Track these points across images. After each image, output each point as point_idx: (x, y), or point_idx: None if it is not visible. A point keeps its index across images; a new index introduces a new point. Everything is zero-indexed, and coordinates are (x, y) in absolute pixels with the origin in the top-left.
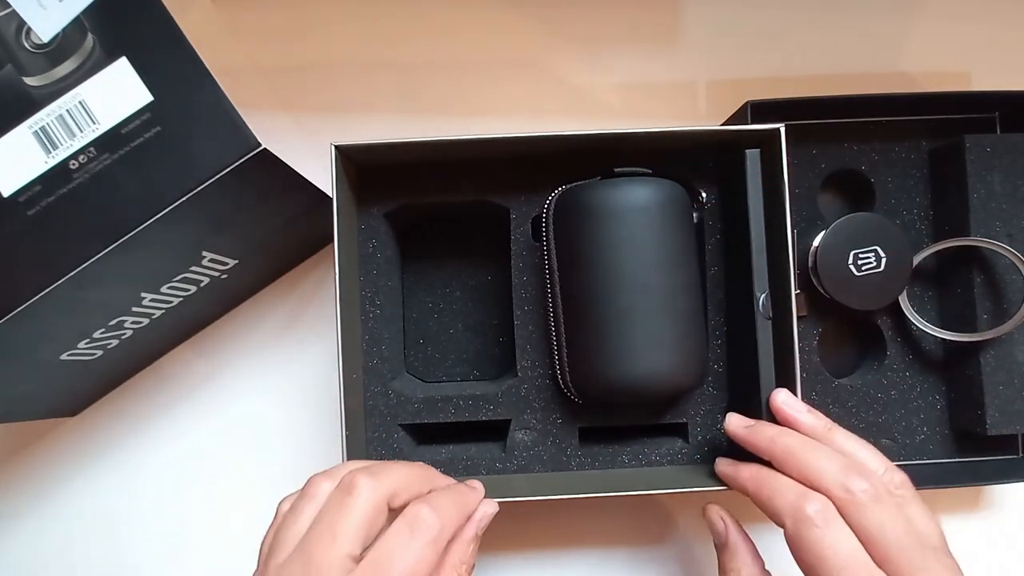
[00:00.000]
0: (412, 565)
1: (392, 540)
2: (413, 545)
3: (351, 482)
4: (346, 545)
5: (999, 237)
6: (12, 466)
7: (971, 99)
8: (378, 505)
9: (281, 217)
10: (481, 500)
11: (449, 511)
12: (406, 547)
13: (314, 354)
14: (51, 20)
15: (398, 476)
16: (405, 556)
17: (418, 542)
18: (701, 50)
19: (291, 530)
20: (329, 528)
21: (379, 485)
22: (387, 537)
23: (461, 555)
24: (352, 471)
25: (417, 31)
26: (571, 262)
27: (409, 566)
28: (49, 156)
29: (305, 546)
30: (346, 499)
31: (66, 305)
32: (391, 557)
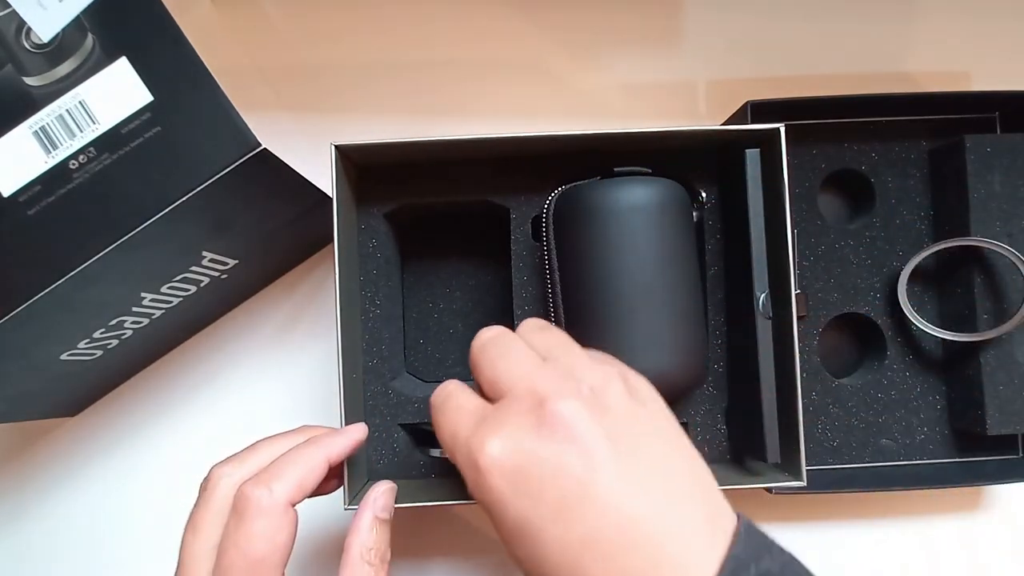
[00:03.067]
0: (257, 548)
1: (228, 530)
2: (244, 528)
3: (208, 476)
4: (209, 537)
5: (999, 237)
6: (12, 466)
7: (971, 99)
8: (226, 494)
9: (281, 217)
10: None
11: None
12: (239, 532)
13: (314, 354)
14: (51, 20)
15: (257, 460)
16: (245, 542)
17: (250, 522)
18: (701, 50)
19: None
20: (191, 523)
21: (235, 472)
22: (226, 527)
23: (364, 543)
24: (214, 465)
25: (417, 31)
26: (571, 262)
27: (255, 549)
28: (49, 156)
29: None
30: (203, 493)
31: (66, 305)
32: (231, 546)
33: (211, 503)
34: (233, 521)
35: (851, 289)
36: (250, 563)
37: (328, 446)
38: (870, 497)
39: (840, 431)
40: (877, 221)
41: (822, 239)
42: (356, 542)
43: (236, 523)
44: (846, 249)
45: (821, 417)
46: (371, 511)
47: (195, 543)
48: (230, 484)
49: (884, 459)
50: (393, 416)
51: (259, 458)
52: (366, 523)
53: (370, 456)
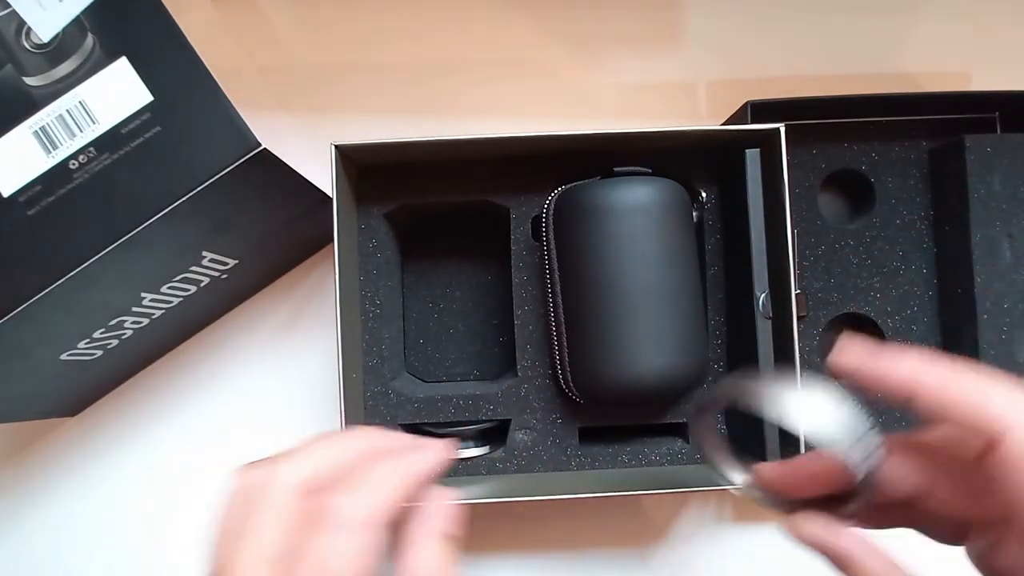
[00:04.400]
0: (321, 565)
1: (302, 542)
2: (326, 543)
3: (254, 473)
4: (265, 545)
5: (999, 237)
6: (12, 466)
7: (971, 99)
8: (290, 497)
9: (281, 217)
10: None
11: (377, 489)
12: (318, 544)
13: (314, 354)
14: (51, 20)
15: (321, 457)
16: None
17: (336, 537)
18: (701, 50)
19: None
20: (237, 528)
21: (293, 472)
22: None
23: (427, 561)
24: (267, 459)
25: (417, 31)
26: (571, 262)
27: (318, 566)
28: (49, 156)
29: (217, 550)
30: (249, 493)
31: (66, 305)
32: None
33: (270, 512)
34: (313, 535)
35: (851, 289)
36: None
37: (419, 468)
38: None
39: None
40: (877, 221)
41: (822, 239)
42: (422, 559)
43: (317, 538)
44: (846, 249)
45: None
46: (434, 528)
47: (246, 551)
48: (290, 487)
49: None
50: (393, 416)
51: (318, 461)
52: (431, 539)
53: None
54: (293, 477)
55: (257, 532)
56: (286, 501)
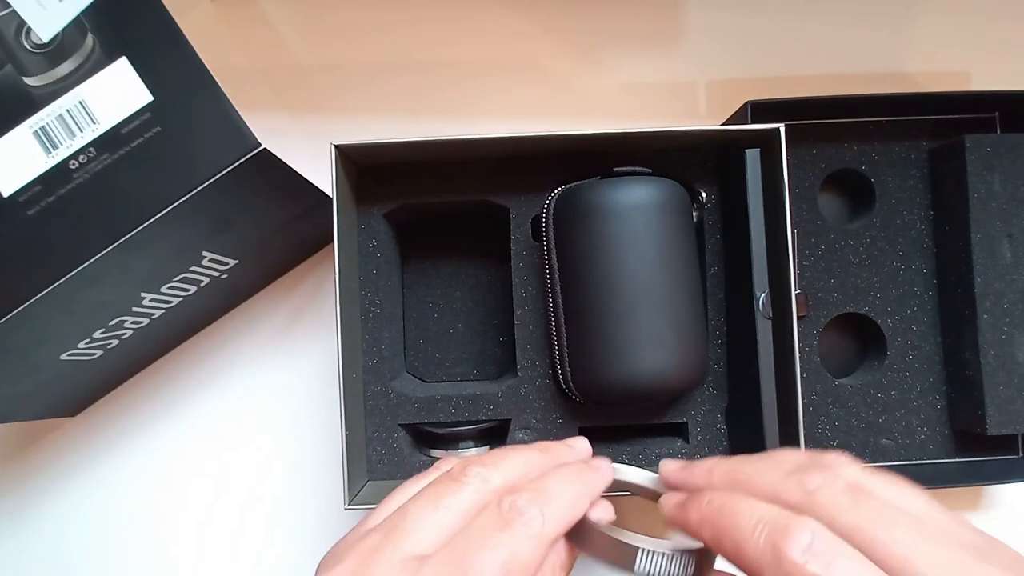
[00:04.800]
0: (502, 560)
1: (476, 532)
2: (507, 539)
3: (462, 468)
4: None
5: (999, 237)
6: (12, 466)
7: (971, 99)
8: (480, 500)
9: (281, 217)
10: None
11: (551, 515)
12: (501, 538)
13: (314, 354)
14: (51, 20)
15: (516, 466)
16: (506, 554)
17: (510, 536)
18: (701, 50)
19: (385, 507)
20: (433, 495)
21: (492, 477)
22: (470, 529)
23: (561, 557)
24: (468, 458)
25: (418, 32)
26: (571, 262)
27: (498, 561)
28: (49, 156)
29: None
30: (452, 481)
31: (66, 305)
32: (487, 547)
33: (463, 492)
34: (495, 523)
35: (851, 289)
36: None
37: (596, 486)
38: None
39: (840, 431)
40: (877, 221)
41: (822, 239)
42: (558, 550)
43: (498, 528)
44: (846, 249)
45: (821, 417)
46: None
47: (430, 515)
48: (486, 488)
49: (884, 459)
50: (393, 416)
51: (513, 470)
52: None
53: (370, 456)
54: (488, 483)
55: (444, 505)
56: (474, 494)
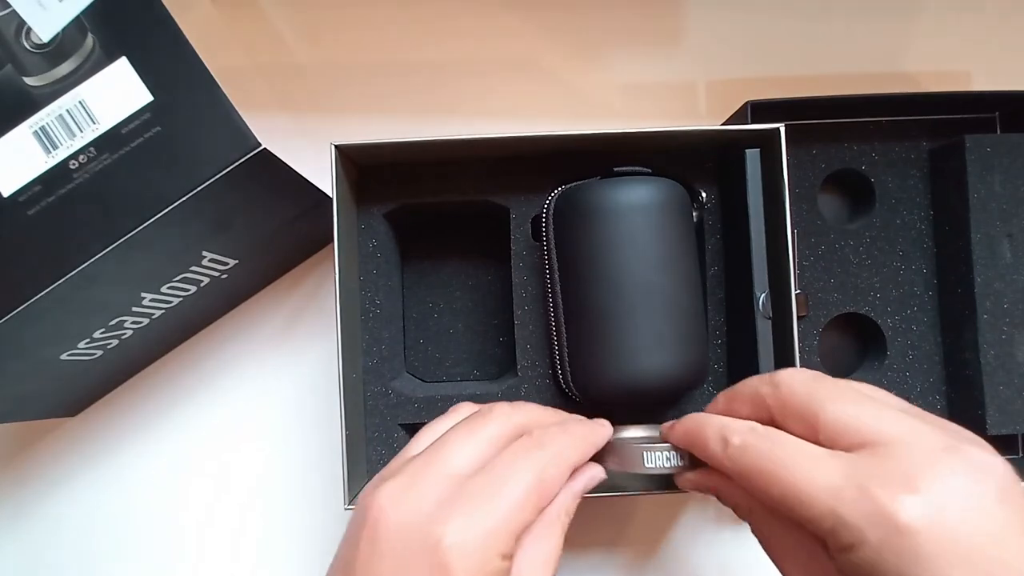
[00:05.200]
0: (523, 489)
1: (509, 455)
2: (534, 459)
3: (488, 408)
4: (456, 464)
5: (999, 237)
6: (12, 466)
7: (971, 99)
8: (506, 432)
9: (281, 217)
10: (604, 437)
11: (568, 444)
12: (525, 462)
13: (314, 354)
14: (51, 20)
15: (535, 411)
16: (524, 470)
17: (540, 456)
18: (701, 50)
19: (420, 440)
20: (468, 424)
21: (515, 415)
22: (504, 454)
23: (566, 505)
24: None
25: (417, 32)
26: (571, 262)
27: (519, 489)
28: (49, 156)
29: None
30: (481, 414)
31: (66, 305)
32: (499, 478)
33: (495, 422)
34: (527, 443)
35: (851, 289)
36: (534, 485)
37: (595, 440)
38: None
39: None
40: (877, 221)
41: (822, 239)
42: (561, 499)
43: (531, 446)
44: (846, 249)
45: None
46: (584, 484)
47: (469, 439)
48: (512, 421)
49: None
50: (393, 416)
51: (535, 413)
52: (577, 489)
53: (370, 456)
54: (512, 417)
55: (482, 436)
56: (506, 426)
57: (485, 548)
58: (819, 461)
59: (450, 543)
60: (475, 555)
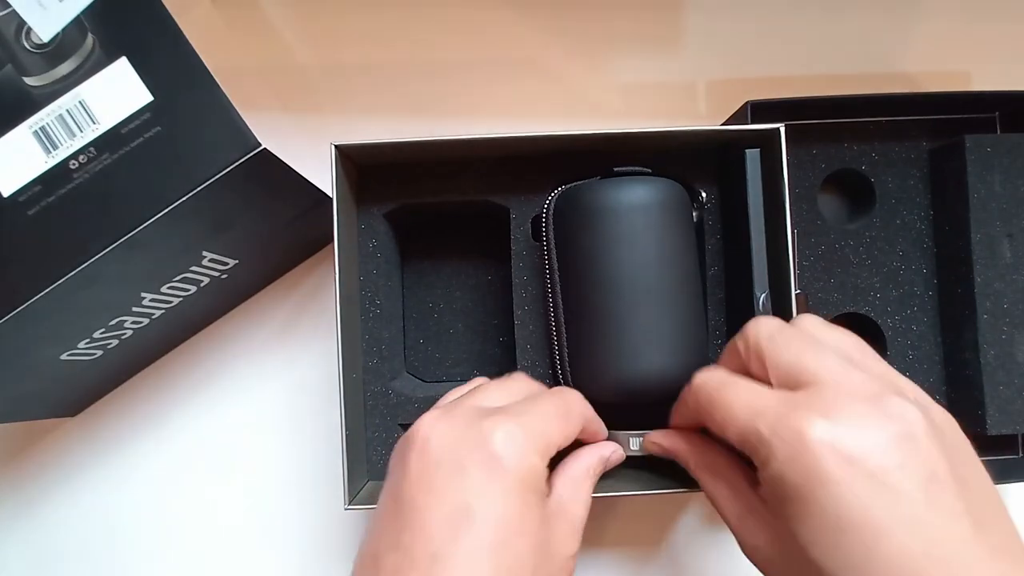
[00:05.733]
0: (551, 405)
1: (535, 394)
2: (557, 396)
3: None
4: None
5: (999, 237)
6: (12, 466)
7: (971, 99)
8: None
9: (281, 217)
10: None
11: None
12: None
13: (314, 354)
14: (51, 20)
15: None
16: (547, 401)
17: (562, 395)
18: (701, 50)
19: (453, 394)
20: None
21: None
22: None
23: (591, 464)
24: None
25: (417, 32)
26: (571, 262)
27: (549, 405)
28: (49, 156)
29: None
30: (502, 379)
31: (66, 305)
32: (529, 400)
33: (518, 379)
34: (548, 392)
35: (851, 289)
36: (564, 409)
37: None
38: None
39: None
40: (877, 221)
41: (822, 239)
42: (589, 457)
43: (552, 393)
44: (846, 249)
45: None
46: (607, 452)
47: (498, 387)
48: (531, 380)
49: None
50: (393, 416)
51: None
52: (597, 455)
53: (370, 456)
54: (531, 379)
55: (508, 387)
56: (527, 382)
57: (527, 444)
58: (757, 394)
59: (496, 439)
60: (521, 448)
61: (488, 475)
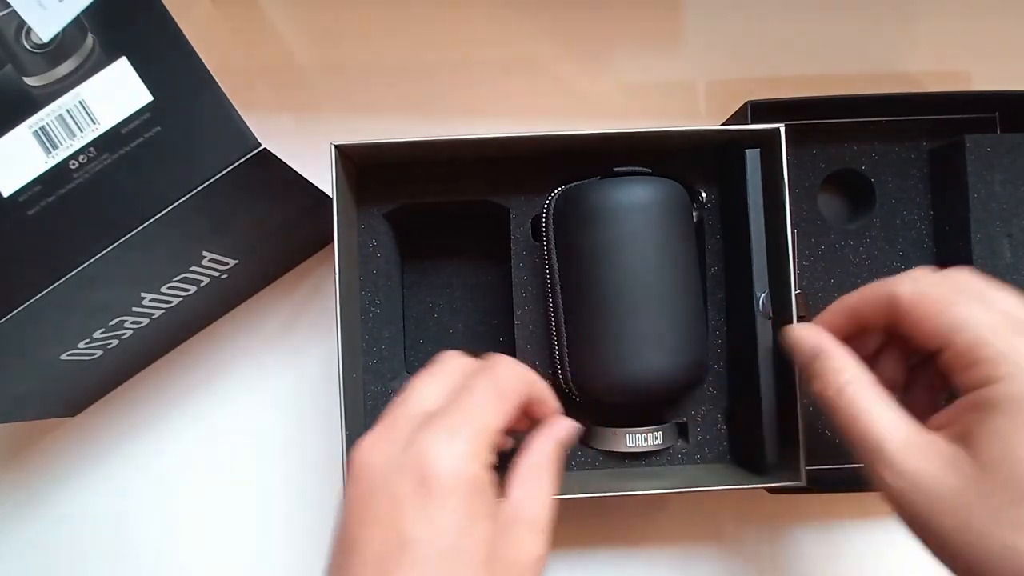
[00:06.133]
0: (483, 396)
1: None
2: (488, 372)
3: (443, 355)
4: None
5: (999, 237)
6: (12, 466)
7: (971, 99)
8: (462, 366)
9: (281, 217)
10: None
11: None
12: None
13: (314, 354)
14: (51, 20)
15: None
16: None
17: (493, 369)
18: (701, 50)
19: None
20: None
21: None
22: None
23: (547, 451)
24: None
25: (418, 32)
26: (571, 262)
27: (481, 398)
28: (49, 156)
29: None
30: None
31: (66, 305)
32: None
33: (450, 363)
34: (481, 367)
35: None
36: (498, 391)
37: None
38: (870, 497)
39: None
40: (877, 221)
41: (822, 239)
42: (544, 446)
43: (485, 367)
44: (846, 249)
45: (821, 416)
46: (560, 432)
47: (429, 383)
48: (466, 360)
49: None
50: None
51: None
52: (551, 438)
53: None
54: (463, 355)
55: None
56: (461, 362)
57: (466, 451)
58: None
59: (429, 456)
60: (459, 460)
61: (425, 499)
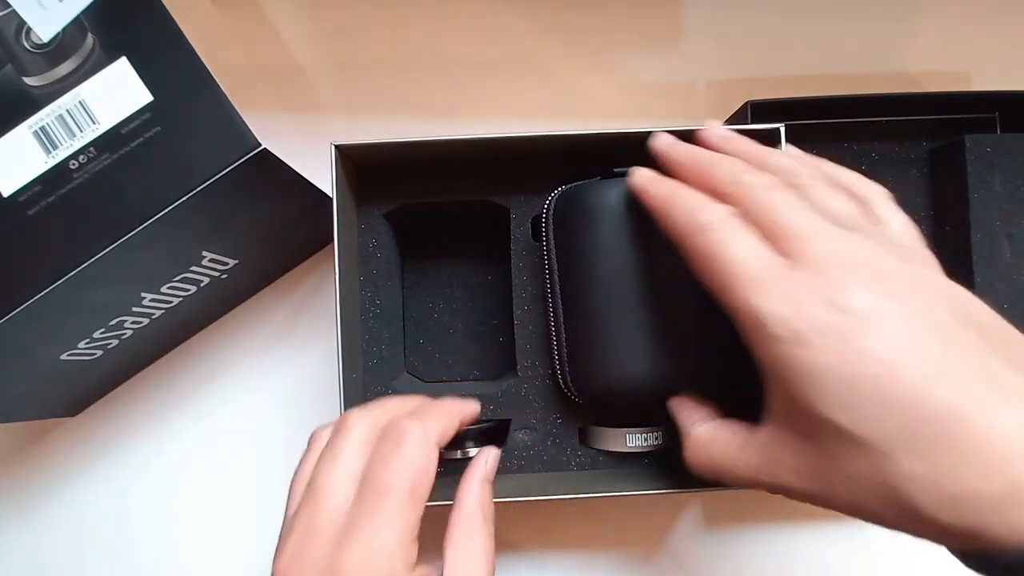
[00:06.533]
0: (395, 496)
1: (378, 464)
2: (401, 455)
3: (343, 418)
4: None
5: (999, 237)
6: (12, 466)
7: (971, 99)
8: (364, 438)
9: (281, 217)
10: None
11: (436, 420)
12: (395, 458)
13: (314, 354)
14: (51, 20)
15: (387, 408)
16: (404, 467)
17: (408, 451)
18: (701, 50)
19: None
20: (329, 455)
21: (369, 415)
22: (372, 463)
23: (478, 498)
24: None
25: (418, 31)
26: (571, 262)
27: (413, 476)
28: (49, 156)
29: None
30: (338, 432)
31: (66, 305)
32: (386, 471)
33: (351, 437)
34: (387, 448)
35: None
36: (409, 487)
37: (461, 409)
38: None
39: None
40: None
41: None
42: (470, 497)
43: (391, 450)
44: None
45: None
46: (484, 472)
47: (335, 472)
48: (367, 424)
49: None
50: None
51: (389, 407)
52: (476, 481)
53: None
54: (367, 420)
55: (341, 456)
56: (362, 433)
57: (384, 567)
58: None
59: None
60: (384, 570)
61: None
